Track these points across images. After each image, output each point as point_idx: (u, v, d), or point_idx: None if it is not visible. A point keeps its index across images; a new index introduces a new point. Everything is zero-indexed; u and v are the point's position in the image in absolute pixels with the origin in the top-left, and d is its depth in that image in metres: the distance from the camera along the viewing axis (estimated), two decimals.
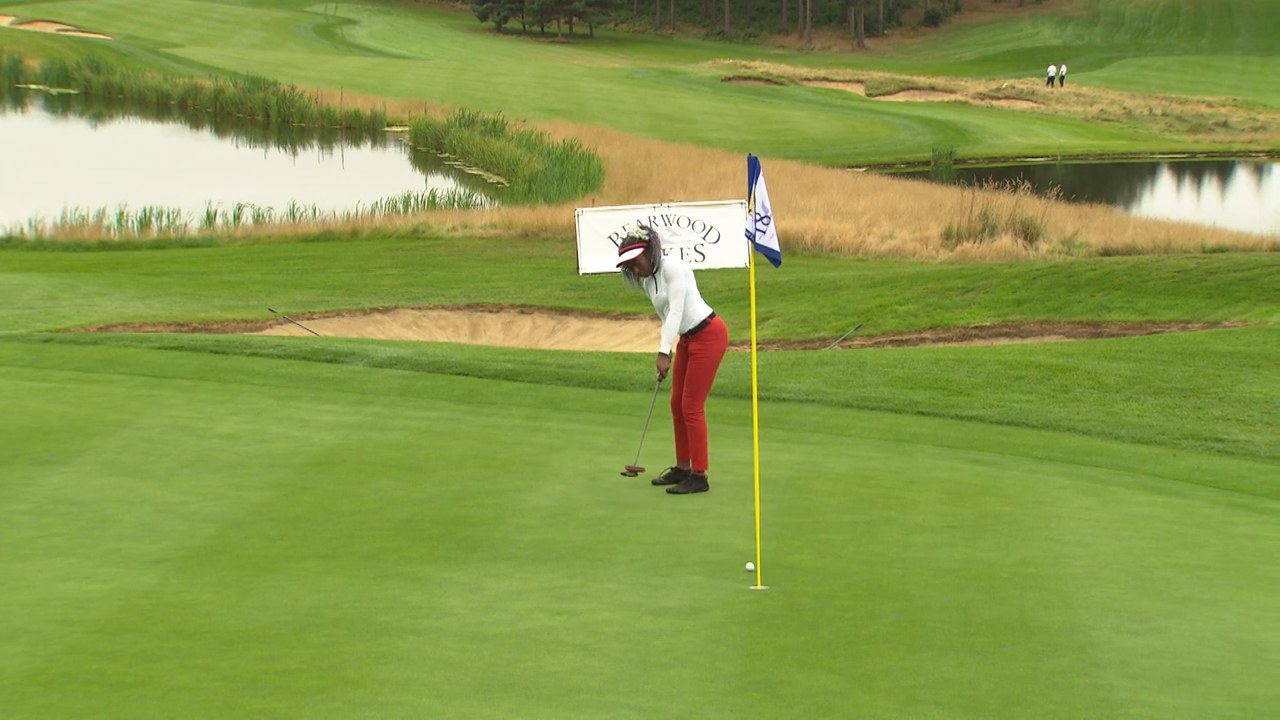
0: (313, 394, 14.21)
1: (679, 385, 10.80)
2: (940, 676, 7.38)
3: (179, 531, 9.49)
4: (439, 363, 15.91)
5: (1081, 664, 7.61)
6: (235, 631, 7.70)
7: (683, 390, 10.75)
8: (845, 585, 8.82)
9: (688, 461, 10.86)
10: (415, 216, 38.91)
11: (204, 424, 12.50)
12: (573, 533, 9.76)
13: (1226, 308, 23.30)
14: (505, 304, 26.64)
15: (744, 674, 7.38)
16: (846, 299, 25.47)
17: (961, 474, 11.88)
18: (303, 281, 28.92)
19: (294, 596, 8.28)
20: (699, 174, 45.53)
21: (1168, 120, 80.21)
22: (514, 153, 51.56)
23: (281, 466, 11.28)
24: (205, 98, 69.08)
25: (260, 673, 7.14)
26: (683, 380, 10.75)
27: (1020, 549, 9.71)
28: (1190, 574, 9.36)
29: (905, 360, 17.43)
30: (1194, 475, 12.27)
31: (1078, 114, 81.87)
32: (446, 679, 7.15)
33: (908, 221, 37.15)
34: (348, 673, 7.19)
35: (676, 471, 10.93)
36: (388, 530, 9.68)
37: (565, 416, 13.63)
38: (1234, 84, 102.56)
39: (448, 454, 11.88)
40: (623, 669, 7.36)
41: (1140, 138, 74.75)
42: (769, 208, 9.16)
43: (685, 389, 10.73)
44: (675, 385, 10.82)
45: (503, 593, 8.46)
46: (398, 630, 7.78)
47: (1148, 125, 79.05)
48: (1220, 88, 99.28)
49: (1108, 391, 15.78)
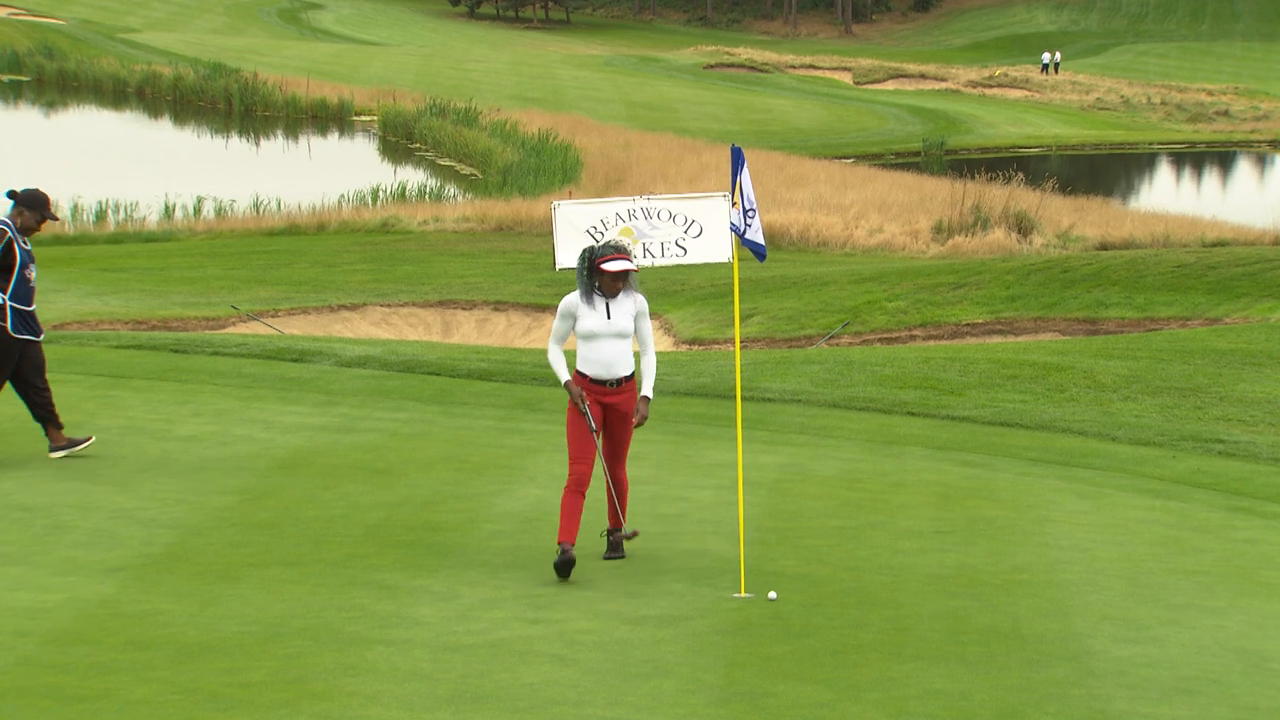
0: (277, 395, 14.18)
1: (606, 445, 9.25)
2: (930, 687, 7.39)
3: (137, 538, 9.46)
4: (409, 362, 15.90)
5: (1077, 674, 7.64)
6: (196, 643, 7.68)
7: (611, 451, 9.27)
8: (832, 593, 8.83)
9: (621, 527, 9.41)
10: (384, 209, 38.83)
11: (163, 426, 12.47)
12: (548, 539, 9.76)
13: (1227, 304, 23.39)
14: (479, 301, 26.61)
15: (727, 685, 7.39)
16: (833, 295, 25.50)
17: (952, 477, 11.91)
18: (267, 277, 28.85)
19: (258, 606, 8.26)
20: (680, 165, 45.53)
21: (1166, 109, 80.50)
22: (487, 143, 51.49)
23: (245, 470, 11.26)
24: (164, 85, 68.85)
25: (222, 686, 7.13)
26: (609, 439, 9.24)
27: (1013, 555, 9.74)
28: (1190, 580, 9.40)
29: (894, 359, 17.47)
30: (1193, 478, 12.32)
31: (1073, 103, 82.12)
32: (417, 691, 7.15)
33: (897, 215, 37.21)
34: (314, 685, 7.18)
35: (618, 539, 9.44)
36: (356, 536, 9.67)
37: (541, 418, 13.63)
38: (1235, 71, 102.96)
39: (418, 457, 11.87)
40: (601, 680, 7.36)
41: (1138, 127, 75.01)
42: (754, 200, 9.18)
43: (617, 450, 9.27)
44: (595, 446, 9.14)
45: (476, 601, 8.46)
46: (366, 641, 7.78)
47: (1146, 114, 79.32)
48: (1221, 75, 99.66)
49: (1104, 391, 15.83)
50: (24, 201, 11.40)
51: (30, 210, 11.39)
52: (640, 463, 11.90)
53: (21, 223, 11.39)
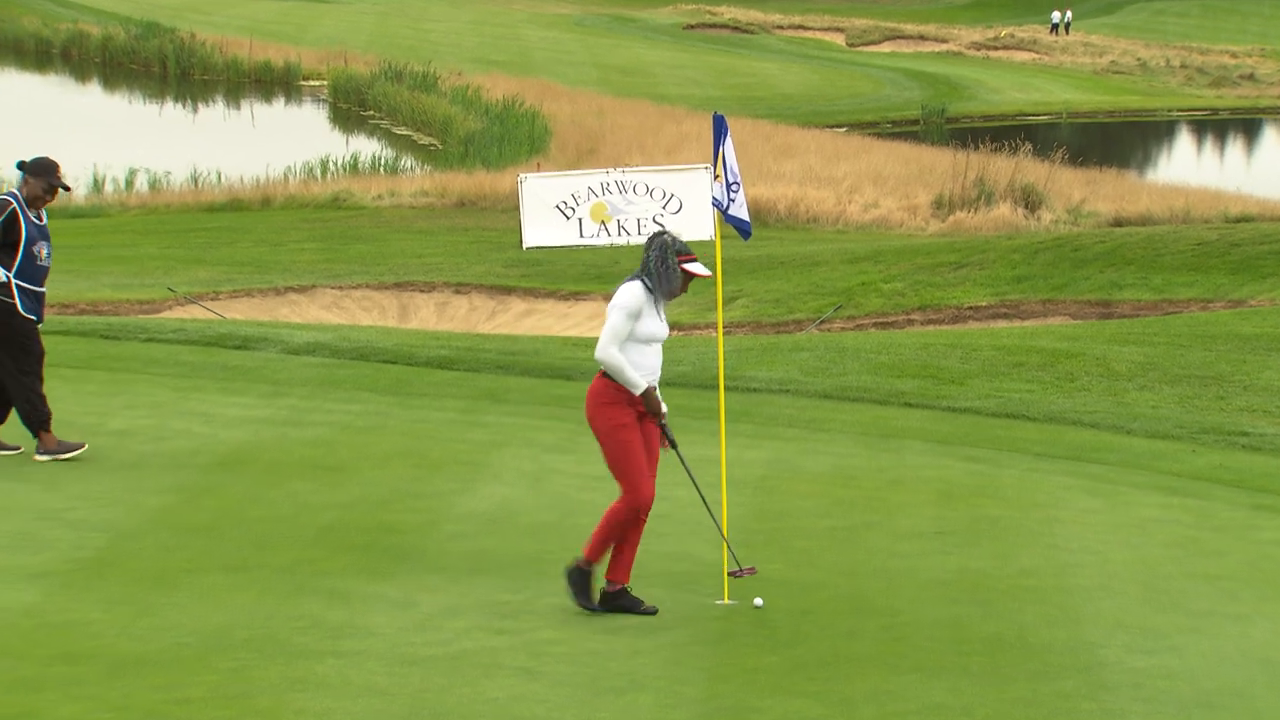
0: (218, 385, 14.14)
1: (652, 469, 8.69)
2: (930, 701, 7.42)
3: (64, 541, 9.43)
4: (363, 349, 15.87)
5: (1088, 687, 7.67)
6: (129, 655, 7.66)
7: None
8: (823, 599, 8.86)
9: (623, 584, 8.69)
10: (335, 183, 38.79)
11: (93, 419, 12.44)
12: (515, 541, 9.76)
13: (1252, 284, 23.49)
14: (438, 282, 26.58)
15: (709, 699, 7.41)
16: (825, 276, 25.54)
17: (954, 473, 11.94)
18: (206, 257, 28.78)
19: (197, 615, 8.25)
20: (658, 135, 45.52)
21: (1187, 73, 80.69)
22: (448, 110, 51.39)
23: (183, 467, 11.24)
24: (92, 46, 68.54)
25: (158, 703, 7.12)
26: (651, 459, 8.70)
27: (1019, 557, 9.78)
28: (1211, 585, 9.45)
29: (891, 345, 17.51)
30: (1215, 474, 12.37)
31: (1085, 66, 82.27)
32: (371, 708, 7.15)
33: (894, 188, 37.26)
34: (259, 701, 7.17)
35: (621, 596, 8.67)
36: (305, 539, 9.66)
37: (506, 409, 13.62)
38: (1261, 31, 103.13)
39: (373, 452, 11.85)
40: (572, 694, 7.37)
41: (1155, 92, 75.20)
42: (738, 173, 9.18)
43: (653, 470, 8.72)
44: (650, 471, 8.63)
45: (435, 609, 8.46)
46: (316, 653, 7.77)
47: (1164, 78, 79.51)
48: (1246, 35, 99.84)
49: (1118, 379, 15.89)
50: (30, 170, 11.31)
51: (36, 178, 11.27)
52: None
53: (28, 192, 11.29)
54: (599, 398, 8.50)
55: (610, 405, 8.47)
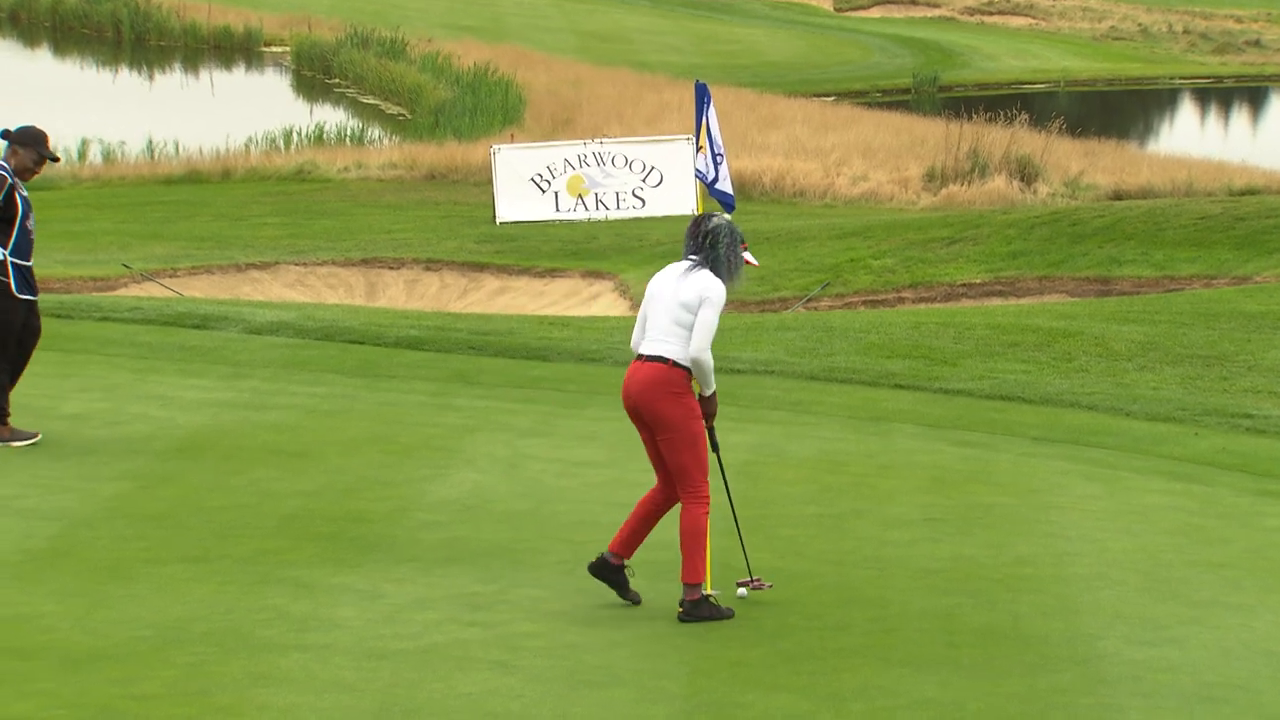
0: (177, 366, 14.11)
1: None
2: (921, 696, 7.45)
3: (15, 531, 9.42)
4: (329, 329, 15.85)
5: (1086, 680, 7.70)
6: (84, 649, 7.66)
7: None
8: (810, 589, 8.88)
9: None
10: (299, 154, 38.70)
11: (45, 403, 12.40)
12: (488, 530, 9.76)
13: (1257, 260, 23.55)
14: (408, 259, 26.55)
15: (691, 694, 7.42)
16: (811, 252, 25.56)
17: (946, 458, 11.97)
18: (164, 232, 28.70)
19: (154, 608, 8.24)
20: (637, 104, 45.47)
21: (1190, 39, 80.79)
22: (417, 78, 51.27)
23: (139, 453, 11.22)
24: (41, 10, 68.19)
25: (114, 698, 7.11)
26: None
27: (1015, 546, 9.81)
28: (1214, 574, 9.49)
29: (880, 324, 17.53)
30: (1219, 458, 12.41)
31: (1084, 32, 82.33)
32: (339, 704, 7.15)
33: (884, 160, 37.28)
34: (219, 698, 7.17)
35: (618, 571, 8.67)
36: (268, 529, 9.65)
37: (479, 392, 13.62)
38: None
39: (339, 437, 11.84)
40: (547, 689, 7.38)
41: (1157, 59, 75.28)
42: (722, 144, 9.18)
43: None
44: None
45: (405, 601, 8.46)
46: (280, 646, 7.77)
47: (1166, 44, 79.59)
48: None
49: (1118, 360, 15.93)
50: (18, 139, 11.26)
51: (25, 148, 11.24)
52: (595, 443, 11.92)
53: (16, 164, 11.26)
54: (672, 386, 8.43)
55: (686, 395, 8.47)
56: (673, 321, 8.48)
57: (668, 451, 8.45)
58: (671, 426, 8.41)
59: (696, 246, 8.66)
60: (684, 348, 8.44)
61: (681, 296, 8.52)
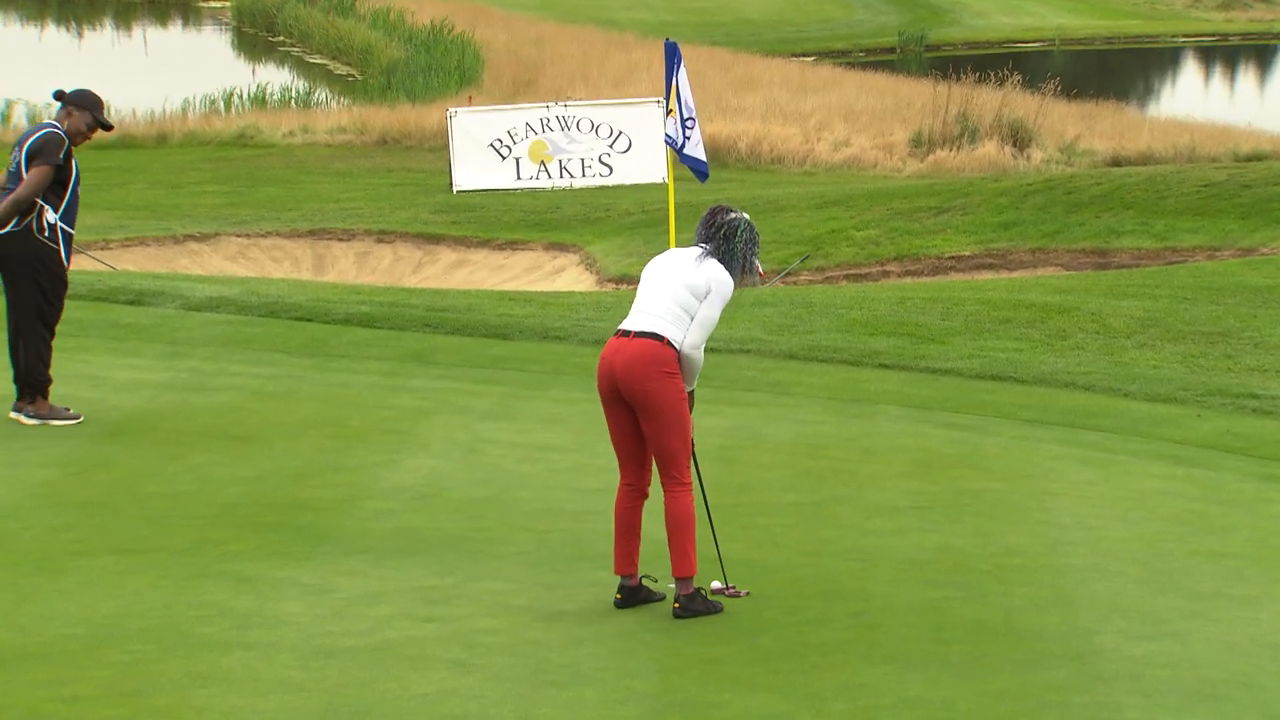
0: (109, 345, 14.07)
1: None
2: (906, 695, 7.47)
3: None
4: (273, 305, 15.81)
5: (1081, 677, 7.73)
6: (9, 648, 7.64)
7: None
8: (788, 582, 8.89)
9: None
10: (241, 118, 38.63)
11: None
12: (445, 519, 9.76)
13: (1264, 230, 23.64)
14: (358, 230, 26.49)
15: (661, 694, 7.44)
16: (791, 223, 25.58)
17: (933, 441, 12.00)
18: (94, 201, 28.52)
19: (86, 603, 8.22)
20: (604, 65, 45.42)
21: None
22: (367, 36, 51.15)
23: (70, 438, 11.19)
24: None
25: (42, 700, 7.10)
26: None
27: (1006, 535, 9.84)
28: (1217, 564, 9.53)
29: (864, 299, 17.56)
30: (1221, 440, 12.47)
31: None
32: (284, 705, 7.15)
33: (867, 125, 37.31)
34: (156, 699, 7.16)
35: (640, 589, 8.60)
36: (208, 518, 9.64)
37: (435, 372, 13.60)
38: None
39: (285, 421, 11.83)
40: (509, 689, 7.39)
41: (1159, 16, 75.44)
42: (693, 108, 9.20)
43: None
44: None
45: (356, 595, 8.46)
46: (221, 644, 7.76)
47: (1168, 0, 79.75)
48: None
49: (1116, 337, 15.98)
50: (75, 101, 11.30)
51: (80, 111, 11.29)
52: (559, 426, 11.93)
53: (70, 126, 11.28)
54: (664, 366, 8.35)
55: (678, 377, 8.42)
56: (674, 302, 8.43)
57: (654, 435, 8.38)
58: (661, 409, 8.34)
59: (708, 235, 8.62)
60: (681, 332, 8.39)
61: (691, 280, 8.48)
